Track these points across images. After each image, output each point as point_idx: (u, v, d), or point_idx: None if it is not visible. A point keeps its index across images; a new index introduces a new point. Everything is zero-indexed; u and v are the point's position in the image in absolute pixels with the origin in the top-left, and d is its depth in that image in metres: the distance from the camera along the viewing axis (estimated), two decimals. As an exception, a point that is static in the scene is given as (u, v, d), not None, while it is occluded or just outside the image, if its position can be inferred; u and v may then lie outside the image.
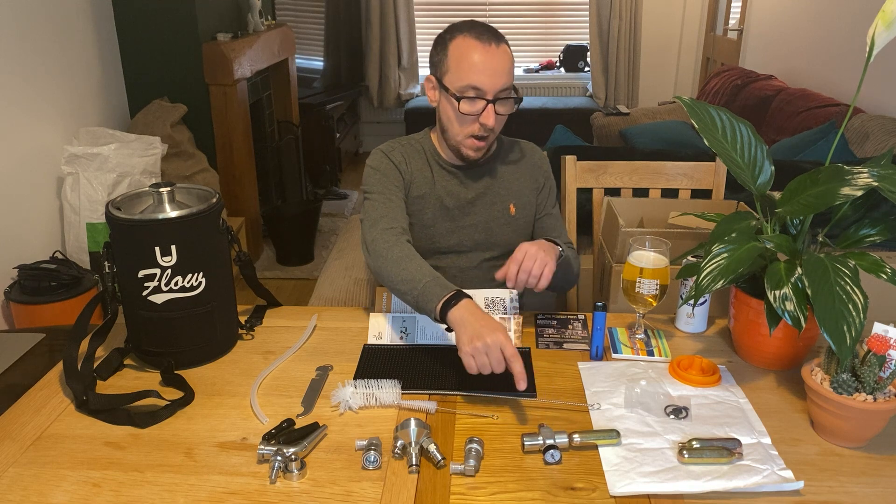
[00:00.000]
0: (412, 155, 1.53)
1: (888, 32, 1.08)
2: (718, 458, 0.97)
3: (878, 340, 0.99)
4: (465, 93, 1.38)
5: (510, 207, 1.55)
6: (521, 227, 1.57)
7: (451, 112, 1.42)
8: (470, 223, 1.53)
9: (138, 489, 0.94)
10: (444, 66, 1.41)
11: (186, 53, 3.17)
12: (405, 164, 1.52)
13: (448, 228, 1.53)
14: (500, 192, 1.54)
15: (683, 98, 1.24)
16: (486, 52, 1.37)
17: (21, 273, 2.40)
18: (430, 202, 1.51)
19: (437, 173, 1.52)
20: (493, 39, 1.39)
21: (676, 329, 1.37)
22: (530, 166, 1.59)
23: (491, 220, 1.54)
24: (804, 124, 3.18)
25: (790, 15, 3.96)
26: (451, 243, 1.53)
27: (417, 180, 1.52)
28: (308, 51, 5.66)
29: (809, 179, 1.14)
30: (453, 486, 0.94)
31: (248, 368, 1.24)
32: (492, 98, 1.38)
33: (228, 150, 3.34)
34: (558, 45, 5.66)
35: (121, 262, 1.19)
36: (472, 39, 1.38)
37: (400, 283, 1.26)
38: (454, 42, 1.40)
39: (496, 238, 1.54)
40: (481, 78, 1.36)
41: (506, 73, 1.39)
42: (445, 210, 1.52)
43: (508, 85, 1.40)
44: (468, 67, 1.37)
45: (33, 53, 2.59)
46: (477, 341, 1.09)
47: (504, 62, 1.39)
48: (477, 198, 1.53)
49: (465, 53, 1.38)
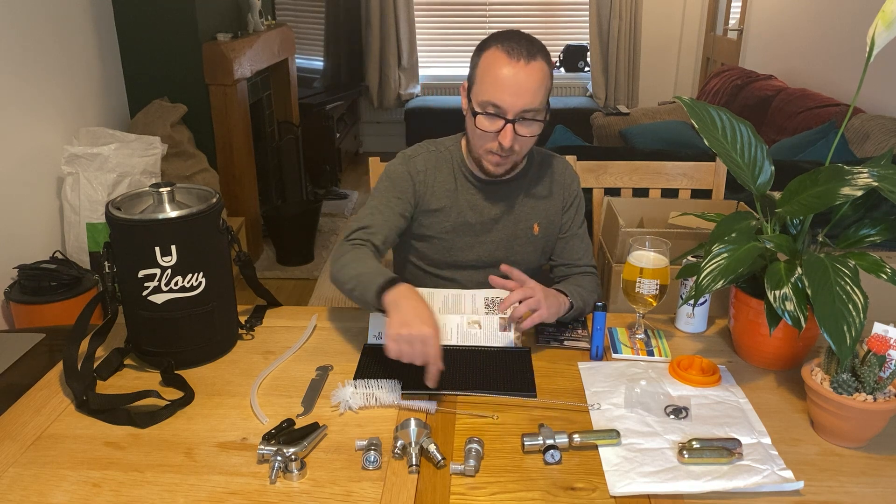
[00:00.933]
0: (440, 164, 1.47)
1: (888, 32, 1.08)
2: (718, 458, 0.97)
3: (878, 340, 0.99)
4: (485, 108, 1.32)
5: (534, 227, 1.50)
6: (542, 246, 1.53)
7: (471, 125, 1.37)
8: (491, 240, 1.49)
9: (138, 489, 0.94)
10: (474, 76, 1.35)
11: (186, 53, 3.17)
12: (426, 173, 1.46)
13: (467, 243, 1.49)
14: (526, 210, 1.49)
15: (683, 98, 1.24)
16: (512, 68, 1.28)
17: (21, 273, 2.40)
18: (452, 215, 1.47)
19: (461, 185, 1.47)
20: (523, 56, 1.29)
21: (676, 329, 1.37)
22: (560, 185, 1.52)
23: (513, 239, 1.49)
24: (804, 124, 3.18)
25: (790, 15, 3.96)
26: (469, 258, 1.49)
27: (439, 192, 1.46)
28: (308, 51, 5.67)
29: (809, 179, 1.14)
30: (453, 486, 0.94)
31: (248, 368, 1.24)
32: (512, 118, 1.30)
33: (228, 150, 3.34)
34: (558, 45, 5.66)
35: (121, 262, 1.19)
36: (501, 53, 1.30)
37: (347, 282, 1.25)
38: (486, 53, 1.33)
39: (516, 256, 1.50)
40: (502, 96, 1.29)
41: (531, 93, 1.29)
42: (467, 224, 1.47)
43: (534, 106, 1.30)
44: (491, 82, 1.30)
45: (33, 53, 2.59)
46: (404, 329, 1.08)
47: (532, 81, 1.29)
48: (501, 215, 1.48)
49: (491, 67, 1.31)
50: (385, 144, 5.83)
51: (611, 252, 1.78)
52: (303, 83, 5.09)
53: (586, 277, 1.51)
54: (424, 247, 1.51)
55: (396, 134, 5.71)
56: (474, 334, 1.30)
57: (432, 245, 1.49)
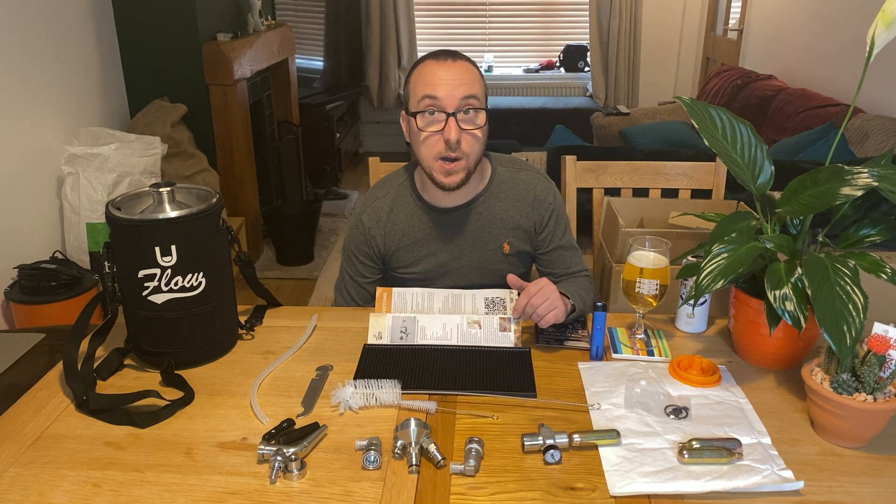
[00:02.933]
0: (394, 206, 1.48)
1: (888, 32, 1.08)
2: (718, 458, 0.97)
3: (878, 340, 0.99)
4: (422, 106, 1.32)
5: (504, 246, 1.48)
6: (517, 263, 1.52)
7: (415, 137, 1.36)
8: (462, 265, 1.49)
9: (138, 489, 0.94)
10: (408, 92, 1.38)
11: (186, 53, 3.17)
12: (379, 221, 1.48)
13: (439, 272, 1.50)
14: (492, 231, 1.47)
15: (683, 98, 1.24)
16: (440, 66, 1.33)
17: (21, 273, 2.40)
18: (416, 250, 1.48)
19: (419, 220, 1.47)
20: (450, 57, 1.34)
21: (676, 329, 1.37)
22: (528, 202, 1.48)
23: (484, 261, 1.49)
24: (804, 124, 3.18)
25: (790, 15, 3.96)
26: (445, 283, 1.49)
27: (398, 233, 1.48)
28: (308, 51, 5.67)
29: (809, 179, 1.14)
30: (453, 486, 0.94)
31: (248, 368, 1.24)
32: (453, 111, 1.31)
33: (228, 150, 3.34)
34: (558, 45, 5.66)
35: (121, 262, 1.19)
36: (428, 60, 1.35)
37: None
38: (415, 70, 1.37)
39: (493, 277, 1.50)
40: (435, 88, 1.31)
41: (466, 83, 1.31)
42: (433, 256, 1.48)
43: (472, 93, 1.32)
44: (423, 83, 1.33)
45: (33, 53, 2.59)
46: None
47: (463, 73, 1.32)
48: (467, 240, 1.47)
49: (421, 74, 1.34)
50: (385, 144, 5.83)
51: (611, 252, 1.78)
52: (303, 83, 5.09)
53: (580, 279, 1.51)
54: (403, 281, 1.53)
55: (396, 134, 5.71)
56: (474, 334, 1.30)
57: (409, 280, 1.51)
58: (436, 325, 1.31)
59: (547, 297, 1.25)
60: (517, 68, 5.74)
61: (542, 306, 1.25)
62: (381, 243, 1.49)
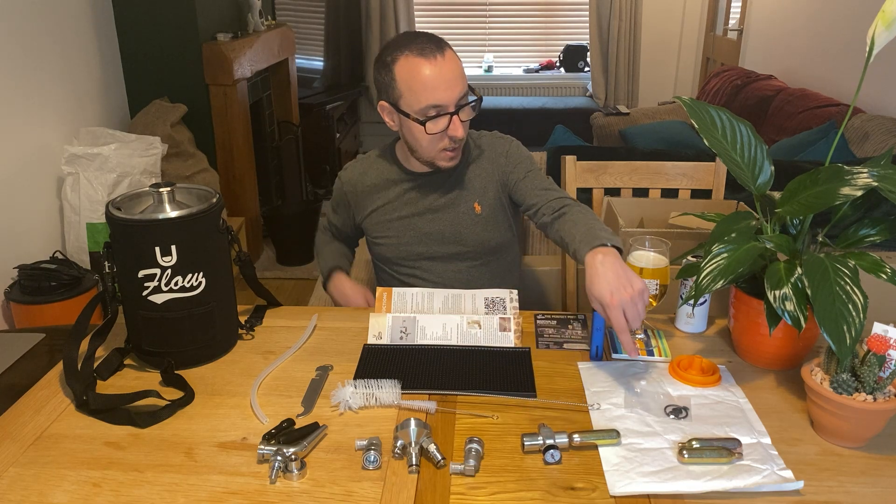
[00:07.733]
0: (367, 169, 1.58)
1: (888, 32, 1.08)
2: (718, 458, 0.97)
3: (878, 340, 0.99)
4: (428, 113, 1.35)
5: (475, 206, 1.52)
6: (490, 223, 1.54)
7: (418, 134, 1.39)
8: (436, 229, 1.52)
9: (138, 489, 0.94)
10: (396, 90, 1.37)
11: (186, 53, 3.17)
12: (355, 180, 1.58)
13: (413, 237, 1.53)
14: (464, 193, 1.52)
15: (683, 98, 1.24)
16: (434, 66, 1.33)
17: (21, 273, 2.40)
18: (387, 211, 1.53)
19: (391, 183, 1.54)
20: (436, 50, 1.34)
21: (676, 329, 1.37)
22: (492, 158, 1.53)
23: (458, 223, 1.52)
24: (804, 124, 3.18)
25: (790, 15, 3.96)
26: (420, 250, 1.53)
27: (370, 192, 1.55)
28: (308, 51, 5.66)
29: (809, 179, 1.14)
30: (453, 486, 0.94)
31: (248, 368, 1.24)
32: (455, 110, 1.36)
33: (228, 150, 3.34)
34: (558, 45, 5.66)
35: (121, 262, 1.19)
36: (415, 57, 1.33)
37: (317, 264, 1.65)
38: (398, 64, 1.35)
39: (466, 239, 1.53)
40: (439, 94, 1.33)
41: (460, 80, 1.35)
42: (405, 218, 1.52)
43: (465, 90, 1.37)
44: (422, 88, 1.33)
45: (33, 54, 2.59)
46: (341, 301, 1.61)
47: (454, 69, 1.35)
48: (441, 203, 1.52)
49: (413, 73, 1.33)
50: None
51: (611, 252, 1.77)
52: (303, 83, 5.09)
53: (574, 214, 1.36)
54: (380, 249, 1.59)
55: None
56: (474, 334, 1.30)
57: (384, 246, 1.56)
58: (436, 325, 1.31)
59: (628, 304, 1.10)
60: (517, 68, 5.74)
61: (635, 318, 1.11)
62: (353, 197, 1.59)
